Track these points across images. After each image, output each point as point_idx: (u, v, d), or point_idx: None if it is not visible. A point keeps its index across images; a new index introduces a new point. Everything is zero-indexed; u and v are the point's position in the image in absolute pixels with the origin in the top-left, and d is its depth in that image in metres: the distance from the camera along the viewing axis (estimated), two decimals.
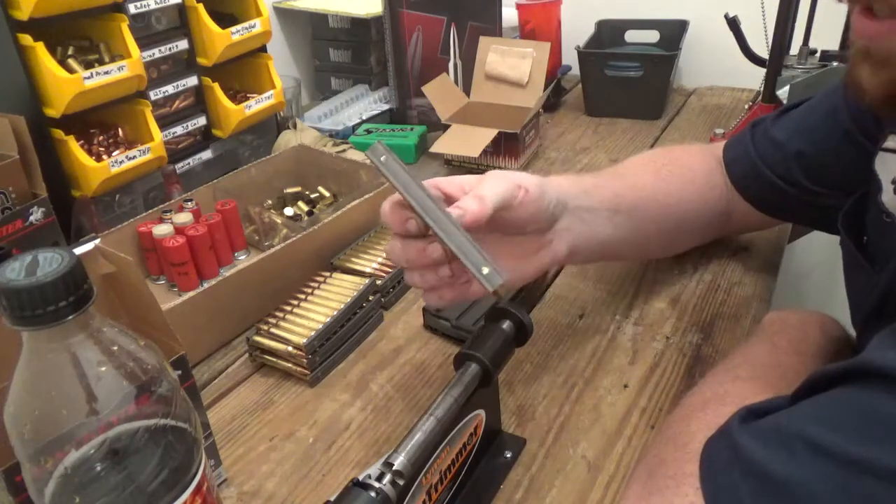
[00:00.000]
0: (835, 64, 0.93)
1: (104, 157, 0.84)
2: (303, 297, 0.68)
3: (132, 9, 0.84)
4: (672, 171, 0.68)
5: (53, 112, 0.78)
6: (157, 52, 0.88)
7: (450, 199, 0.49)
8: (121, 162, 0.83)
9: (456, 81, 1.16)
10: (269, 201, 0.89)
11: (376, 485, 0.40)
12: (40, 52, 0.75)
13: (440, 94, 1.03)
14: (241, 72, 1.01)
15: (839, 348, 0.52)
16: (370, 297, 0.69)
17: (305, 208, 0.88)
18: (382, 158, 0.45)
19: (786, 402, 0.39)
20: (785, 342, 0.51)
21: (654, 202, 0.65)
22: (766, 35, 0.93)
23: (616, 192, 0.63)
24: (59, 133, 0.80)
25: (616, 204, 0.62)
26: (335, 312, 0.65)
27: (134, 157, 0.84)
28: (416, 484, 0.43)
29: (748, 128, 0.70)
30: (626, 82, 1.16)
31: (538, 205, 0.53)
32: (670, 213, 0.67)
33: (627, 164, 0.70)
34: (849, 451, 0.32)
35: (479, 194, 0.48)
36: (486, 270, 0.43)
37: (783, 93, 0.91)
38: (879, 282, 0.49)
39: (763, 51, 0.96)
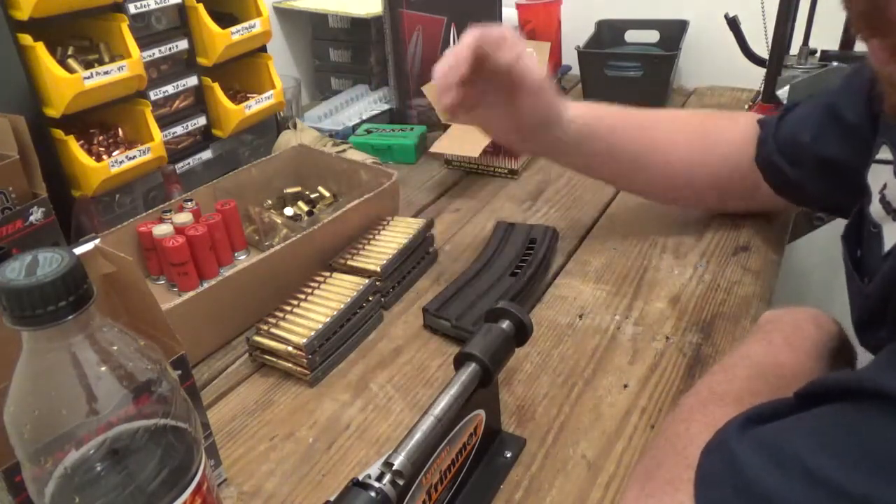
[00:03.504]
0: (835, 64, 0.93)
1: (104, 157, 0.84)
2: (303, 297, 0.68)
3: (132, 9, 0.83)
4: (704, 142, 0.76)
5: (53, 112, 0.78)
6: (157, 52, 0.88)
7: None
8: (121, 162, 0.83)
9: None
10: (269, 201, 0.89)
11: (376, 485, 0.40)
12: (40, 52, 0.75)
13: None
14: (241, 72, 1.01)
15: (834, 343, 0.53)
16: (370, 297, 0.69)
17: (305, 208, 0.88)
18: None
19: (787, 408, 0.39)
20: (780, 339, 0.52)
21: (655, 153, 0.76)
22: (766, 35, 0.93)
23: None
24: (59, 133, 0.80)
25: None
26: (335, 312, 0.65)
27: (134, 157, 0.84)
28: (416, 484, 0.43)
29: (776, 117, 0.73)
30: (626, 82, 1.16)
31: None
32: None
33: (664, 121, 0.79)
34: (848, 485, 0.31)
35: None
36: None
37: (783, 93, 0.92)
38: (868, 294, 0.49)
39: (763, 51, 0.96)
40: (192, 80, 0.93)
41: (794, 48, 0.97)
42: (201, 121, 0.96)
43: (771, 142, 0.71)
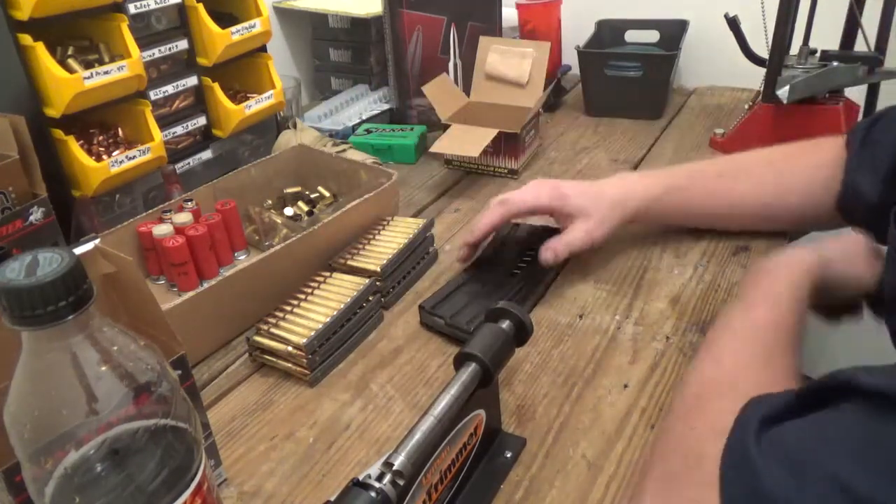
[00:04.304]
0: (835, 64, 0.93)
1: (104, 157, 0.84)
2: (303, 297, 0.68)
3: (132, 9, 0.83)
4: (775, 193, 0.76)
5: (53, 112, 0.78)
6: (156, 52, 0.88)
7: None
8: (121, 162, 0.83)
9: (456, 81, 1.16)
10: (269, 201, 0.89)
11: (376, 485, 0.40)
12: (40, 52, 0.75)
13: (440, 94, 1.03)
14: (241, 72, 1.01)
15: (810, 280, 0.55)
16: (370, 297, 0.69)
17: (305, 208, 0.88)
18: None
19: (794, 400, 0.39)
20: (760, 311, 0.53)
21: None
22: (766, 35, 0.93)
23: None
24: (59, 133, 0.80)
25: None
26: (335, 312, 0.65)
27: (134, 157, 0.84)
28: (416, 484, 0.43)
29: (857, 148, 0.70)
30: (626, 82, 1.16)
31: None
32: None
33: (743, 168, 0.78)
34: (879, 496, 0.31)
35: (557, 246, 0.72)
36: None
37: (783, 93, 0.91)
38: None
39: (763, 51, 0.96)
40: (192, 80, 0.93)
41: (794, 48, 0.97)
42: (201, 121, 0.96)
43: (850, 187, 0.70)
